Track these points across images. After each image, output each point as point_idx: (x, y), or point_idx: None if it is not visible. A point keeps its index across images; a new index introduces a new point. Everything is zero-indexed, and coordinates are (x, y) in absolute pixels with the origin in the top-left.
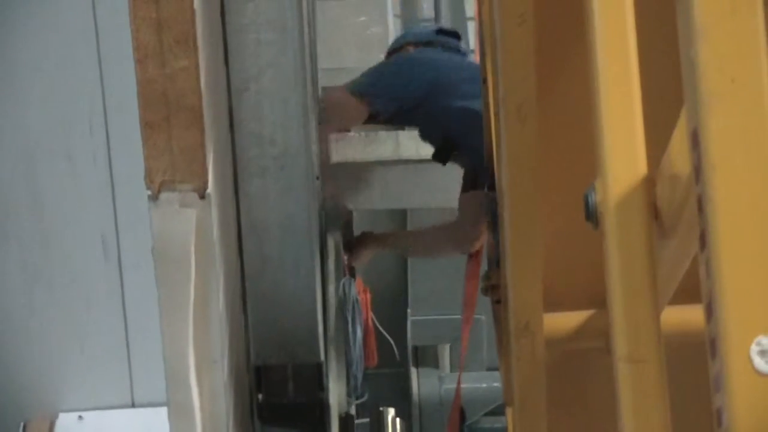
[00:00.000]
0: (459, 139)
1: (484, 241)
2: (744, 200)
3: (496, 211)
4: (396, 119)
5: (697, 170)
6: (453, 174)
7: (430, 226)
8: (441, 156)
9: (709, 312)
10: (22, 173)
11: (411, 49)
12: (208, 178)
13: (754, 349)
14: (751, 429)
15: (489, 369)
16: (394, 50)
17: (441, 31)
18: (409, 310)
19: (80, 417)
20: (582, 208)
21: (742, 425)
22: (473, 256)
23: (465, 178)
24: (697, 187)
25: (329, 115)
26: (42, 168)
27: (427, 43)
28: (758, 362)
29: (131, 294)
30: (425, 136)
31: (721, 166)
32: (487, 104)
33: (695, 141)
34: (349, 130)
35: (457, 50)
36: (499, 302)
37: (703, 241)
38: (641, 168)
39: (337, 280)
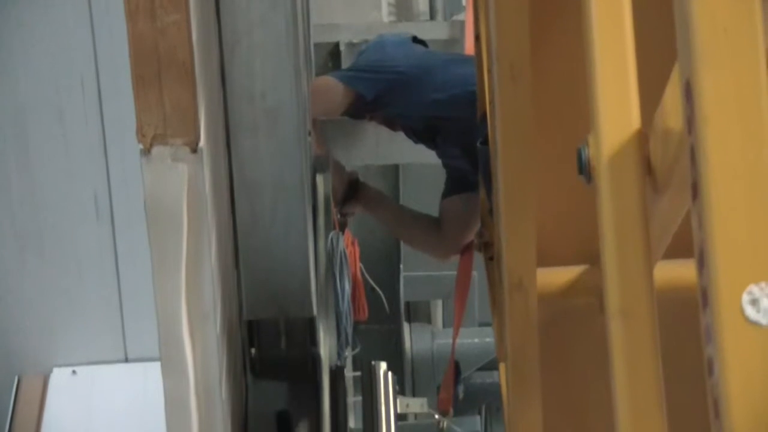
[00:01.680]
0: (441, 125)
1: (462, 247)
2: (736, 150)
3: (489, 167)
4: (382, 104)
5: (690, 121)
6: None
7: (418, 218)
8: (425, 140)
9: (701, 262)
10: (13, 133)
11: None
12: (200, 133)
13: (745, 298)
14: (742, 378)
15: (481, 324)
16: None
17: (415, 39)
18: (401, 266)
19: (74, 372)
20: (575, 162)
21: (733, 374)
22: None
23: (447, 180)
24: (690, 138)
25: (314, 103)
26: (33, 127)
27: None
28: (749, 312)
29: (124, 251)
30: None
31: (714, 117)
32: (480, 61)
33: (688, 92)
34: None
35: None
36: (492, 259)
37: (695, 191)
38: (634, 122)
39: (328, 233)
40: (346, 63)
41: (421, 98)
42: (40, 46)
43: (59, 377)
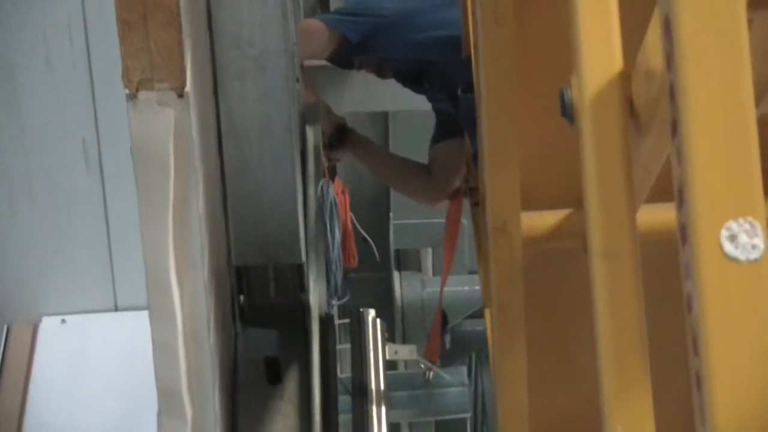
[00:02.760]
0: (427, 68)
1: (454, 189)
2: (714, 87)
3: (472, 114)
4: (367, 46)
5: (669, 58)
6: None
7: (406, 164)
8: (412, 84)
9: (680, 199)
10: (1, 80)
11: None
12: (187, 77)
13: (723, 234)
14: (720, 314)
15: (470, 273)
16: None
17: None
18: (391, 214)
19: (63, 321)
20: (558, 106)
21: (711, 310)
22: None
23: (436, 125)
24: (669, 75)
25: (299, 45)
26: (21, 75)
27: None
28: (728, 247)
29: (113, 199)
30: (397, 68)
31: (692, 53)
32: (465, 4)
33: (667, 28)
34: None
35: None
36: (477, 204)
37: (675, 128)
38: (617, 63)
39: (318, 182)
40: (334, 7)
41: (406, 40)
42: None
43: (48, 326)
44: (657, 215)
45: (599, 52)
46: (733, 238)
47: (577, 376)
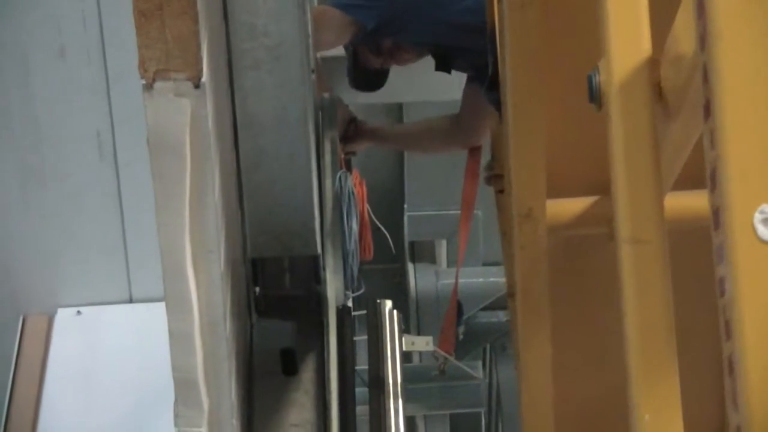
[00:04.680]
0: (451, 48)
1: (484, 134)
2: (748, 68)
3: (499, 100)
4: (384, 31)
5: (702, 39)
6: None
7: (425, 123)
8: (441, 66)
9: (713, 182)
10: (15, 70)
11: None
12: (203, 67)
13: (757, 217)
14: (753, 296)
15: (485, 264)
16: None
17: None
18: (405, 206)
19: (78, 312)
20: (585, 92)
21: (744, 293)
22: (472, 153)
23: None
24: (702, 57)
25: (316, 34)
26: (35, 65)
27: None
28: (762, 230)
29: (127, 190)
30: (417, 45)
31: (726, 34)
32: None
33: (700, 9)
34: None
35: None
36: (502, 192)
37: (707, 111)
38: (645, 48)
39: (334, 174)
40: None
41: (424, 23)
42: None
43: (64, 317)
44: (684, 202)
45: (628, 37)
46: (767, 221)
47: (603, 363)
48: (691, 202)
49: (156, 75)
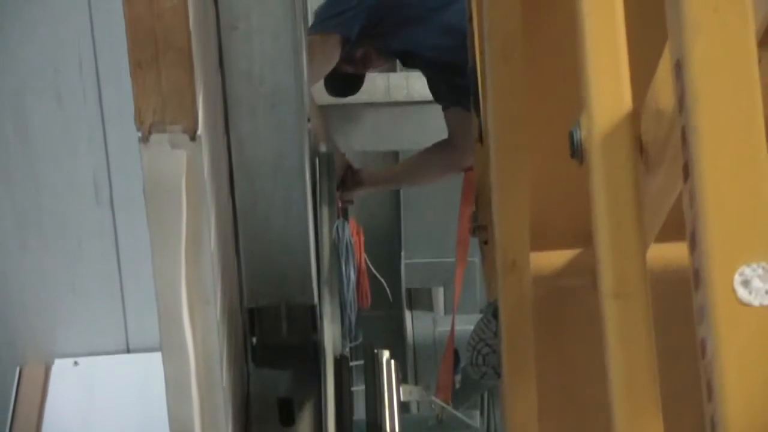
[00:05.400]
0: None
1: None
2: (727, 130)
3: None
4: (368, 38)
5: (681, 101)
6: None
7: (419, 154)
8: (406, 61)
9: (693, 243)
10: (12, 114)
11: None
12: (199, 119)
13: (737, 279)
14: (734, 358)
15: (482, 311)
16: None
17: None
18: (402, 253)
19: (75, 362)
20: (567, 144)
21: (726, 355)
22: (465, 198)
23: (441, 95)
24: (681, 118)
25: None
26: (32, 108)
27: None
28: (741, 293)
29: (124, 235)
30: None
31: (704, 97)
32: (472, 42)
33: (679, 72)
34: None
35: None
36: (486, 243)
37: (687, 171)
38: (626, 103)
39: (332, 222)
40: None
41: (405, 26)
42: (38, 27)
43: (61, 368)
44: (667, 253)
45: (608, 92)
46: (746, 283)
47: (588, 415)
48: (674, 253)
49: (152, 127)
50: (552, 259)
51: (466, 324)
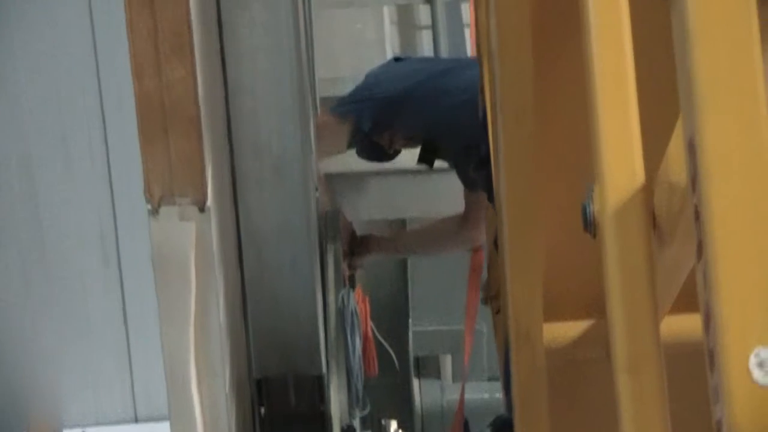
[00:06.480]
0: (440, 139)
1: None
2: (741, 210)
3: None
4: (381, 128)
5: (694, 180)
6: (451, 183)
7: (433, 222)
8: (425, 158)
9: (707, 323)
10: (19, 177)
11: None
12: (207, 191)
13: (752, 360)
14: None
15: (490, 379)
16: None
17: (398, 59)
18: (410, 321)
19: None
20: (579, 216)
21: None
22: (474, 268)
23: (468, 181)
24: (694, 197)
25: (319, 142)
26: (39, 171)
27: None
28: (757, 374)
29: (132, 301)
30: (408, 140)
31: (718, 176)
32: (485, 109)
33: (692, 150)
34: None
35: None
36: (499, 312)
37: (700, 251)
38: (639, 176)
39: (337, 290)
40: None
41: (415, 116)
42: (46, 88)
43: None
44: (682, 325)
45: (621, 165)
46: (762, 364)
47: None
48: (688, 324)
49: (161, 200)
50: (566, 330)
51: (474, 392)
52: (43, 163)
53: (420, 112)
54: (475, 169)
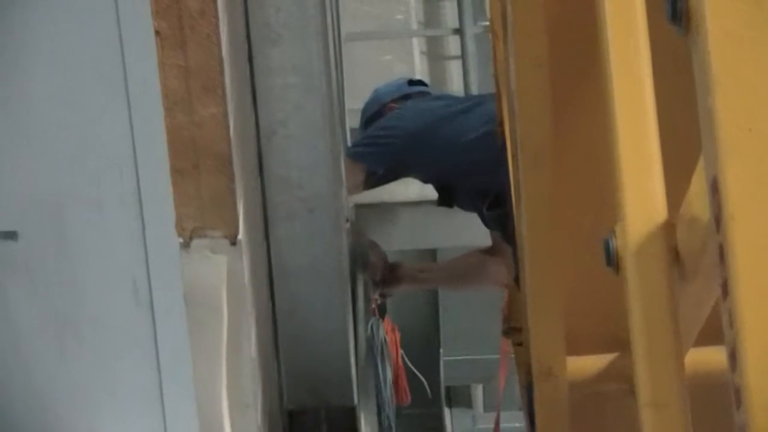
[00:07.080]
0: (454, 183)
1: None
2: (765, 250)
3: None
4: (395, 172)
5: (717, 219)
6: None
7: (466, 256)
8: (443, 201)
9: (733, 362)
10: (52, 221)
11: (394, 106)
12: (239, 225)
13: None
14: None
15: (522, 409)
16: (375, 113)
17: (411, 82)
18: (441, 350)
19: None
20: (602, 252)
21: None
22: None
23: (488, 223)
24: (718, 236)
25: None
26: (71, 215)
27: (405, 97)
28: None
29: (164, 341)
30: (426, 182)
31: (740, 216)
32: (504, 146)
33: (714, 190)
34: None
35: (431, 94)
36: (520, 345)
37: (725, 290)
38: (661, 212)
39: (367, 320)
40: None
41: (429, 158)
42: (78, 134)
43: None
44: (705, 358)
45: (642, 202)
46: None
47: None
48: (713, 357)
49: (193, 233)
50: (588, 364)
51: (506, 421)
52: (74, 205)
53: (429, 158)
54: (488, 209)
